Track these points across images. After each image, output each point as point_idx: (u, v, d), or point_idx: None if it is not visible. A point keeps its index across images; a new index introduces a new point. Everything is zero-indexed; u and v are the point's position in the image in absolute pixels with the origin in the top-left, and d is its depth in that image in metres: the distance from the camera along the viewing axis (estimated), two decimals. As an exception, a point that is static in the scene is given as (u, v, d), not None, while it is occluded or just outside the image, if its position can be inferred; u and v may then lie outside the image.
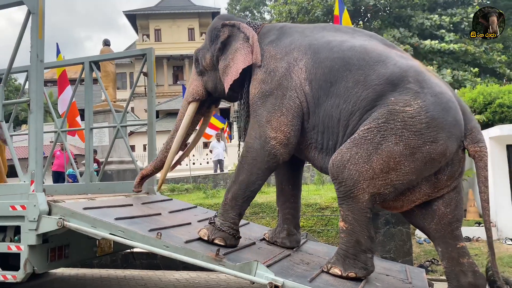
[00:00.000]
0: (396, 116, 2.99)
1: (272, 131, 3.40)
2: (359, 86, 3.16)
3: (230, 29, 3.82)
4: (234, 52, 3.71)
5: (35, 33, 3.78)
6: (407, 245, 5.39)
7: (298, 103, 3.38)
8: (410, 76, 3.08)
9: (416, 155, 2.97)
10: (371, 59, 3.21)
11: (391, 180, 3.03)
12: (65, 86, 7.29)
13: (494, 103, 9.37)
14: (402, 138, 2.96)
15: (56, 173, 10.31)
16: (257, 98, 3.55)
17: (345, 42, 3.40)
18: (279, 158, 3.46)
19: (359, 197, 3.06)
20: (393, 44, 3.63)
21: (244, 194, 3.51)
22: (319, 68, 3.34)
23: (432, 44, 19.38)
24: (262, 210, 6.88)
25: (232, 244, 3.50)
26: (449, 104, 3.04)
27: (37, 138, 3.74)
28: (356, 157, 3.04)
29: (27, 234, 3.63)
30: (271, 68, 3.53)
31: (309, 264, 3.59)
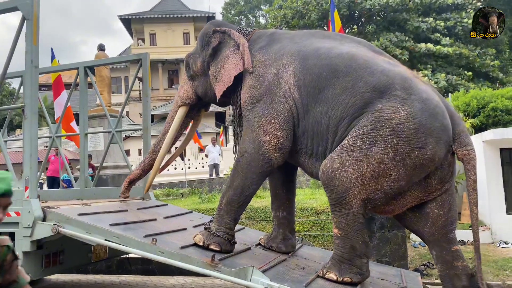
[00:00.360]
0: (384, 123, 3.02)
1: (265, 136, 3.42)
2: (346, 93, 3.19)
3: (221, 36, 3.86)
4: (225, 59, 3.75)
5: (29, 39, 3.78)
6: (402, 249, 5.40)
7: (287, 108, 3.41)
8: (397, 83, 3.11)
9: (405, 161, 3.00)
10: (358, 66, 3.24)
11: (381, 185, 3.06)
12: (61, 91, 7.27)
13: (488, 107, 9.47)
14: (391, 144, 2.99)
15: (51, 178, 10.25)
16: (247, 104, 3.59)
17: (333, 49, 3.44)
18: (274, 163, 3.47)
19: (351, 203, 3.08)
20: (381, 51, 3.67)
21: (239, 199, 3.51)
22: (308, 74, 3.38)
23: (428, 47, 19.53)
24: (258, 214, 6.88)
25: (227, 250, 3.50)
26: (436, 110, 3.08)
27: (32, 144, 3.73)
28: (346, 164, 3.07)
29: (21, 241, 3.62)
30: (261, 74, 3.57)
31: (304, 269, 3.59)
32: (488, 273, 5.62)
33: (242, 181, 3.49)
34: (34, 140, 3.76)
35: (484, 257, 6.38)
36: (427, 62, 20.17)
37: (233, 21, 43.53)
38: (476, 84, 19.43)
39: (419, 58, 20.23)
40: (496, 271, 5.71)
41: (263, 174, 3.53)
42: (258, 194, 9.17)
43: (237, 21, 43.90)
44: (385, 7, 20.66)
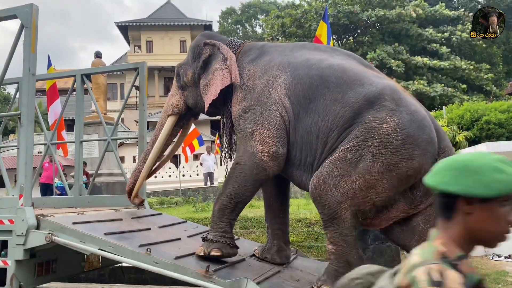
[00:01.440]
0: (373, 133, 3.05)
1: (258, 144, 3.43)
2: (337, 104, 3.22)
3: (211, 49, 3.91)
4: (214, 72, 3.81)
5: (28, 47, 3.78)
6: (396, 261, 5.40)
7: (279, 116, 3.43)
8: (387, 95, 3.15)
9: (393, 172, 3.03)
10: (348, 78, 3.29)
11: (370, 197, 3.08)
12: (55, 99, 7.27)
13: (481, 120, 9.56)
14: (379, 155, 3.03)
15: (44, 185, 10.20)
16: (238, 116, 3.62)
17: (324, 60, 3.48)
18: (269, 172, 3.47)
19: (343, 217, 3.10)
20: (370, 65, 3.74)
21: (231, 205, 3.50)
22: (298, 84, 3.42)
23: (424, 61, 19.77)
24: (252, 224, 6.87)
25: (229, 253, 3.48)
26: (423, 122, 3.13)
27: (27, 152, 3.72)
28: (337, 179, 3.09)
29: (14, 249, 3.59)
30: (251, 86, 3.62)
31: (299, 281, 3.59)
32: (481, 286, 5.64)
33: (234, 188, 3.49)
34: (30, 148, 3.75)
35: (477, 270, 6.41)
36: (423, 74, 20.38)
37: (229, 30, 43.78)
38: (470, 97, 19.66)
39: (414, 69, 20.44)
40: (489, 284, 5.72)
41: (257, 182, 3.52)
42: (252, 203, 9.16)
43: (233, 30, 44.15)
44: (382, 19, 20.89)
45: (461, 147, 8.94)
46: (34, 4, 3.84)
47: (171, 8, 35.54)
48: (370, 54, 19.78)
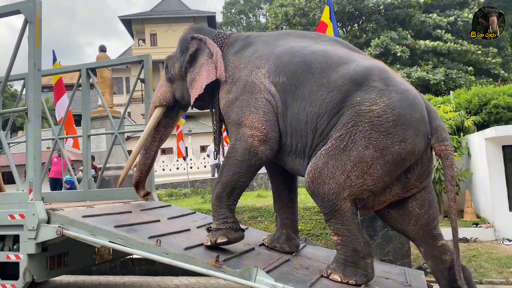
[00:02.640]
0: (363, 117, 3.00)
1: (248, 129, 3.42)
2: (323, 89, 3.19)
3: (198, 43, 3.91)
4: (200, 67, 3.82)
5: (32, 42, 3.79)
6: (405, 247, 5.40)
7: (265, 102, 3.42)
8: (374, 74, 3.10)
9: (387, 157, 2.99)
10: (333, 62, 3.26)
11: (367, 185, 3.05)
12: (62, 93, 7.30)
13: (489, 104, 9.45)
14: (371, 140, 2.98)
15: (53, 179, 10.28)
16: (226, 107, 3.64)
17: (308, 47, 3.46)
18: (261, 157, 3.44)
19: (343, 207, 3.08)
20: (357, 48, 3.69)
21: (227, 192, 3.49)
22: (282, 72, 3.41)
23: (427, 43, 19.51)
24: (261, 214, 6.88)
25: (235, 237, 3.46)
26: (415, 101, 3.08)
27: (35, 146, 3.74)
28: (332, 170, 3.06)
29: (26, 243, 3.64)
30: (236, 78, 3.62)
31: (308, 269, 3.60)
32: (491, 270, 5.62)
33: (229, 176, 3.49)
34: (38, 143, 3.77)
35: (487, 254, 6.38)
36: (428, 59, 20.13)
37: (233, 21, 43.52)
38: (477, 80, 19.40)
39: (420, 55, 20.19)
40: (499, 268, 5.70)
41: (251, 168, 3.49)
42: (260, 193, 9.18)
43: (237, 21, 43.89)
44: (388, 4, 20.61)
45: (470, 132, 8.85)
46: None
47: (174, 1, 35.37)
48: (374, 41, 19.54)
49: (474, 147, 8.42)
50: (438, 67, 19.50)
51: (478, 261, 5.81)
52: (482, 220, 7.84)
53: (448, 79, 18.93)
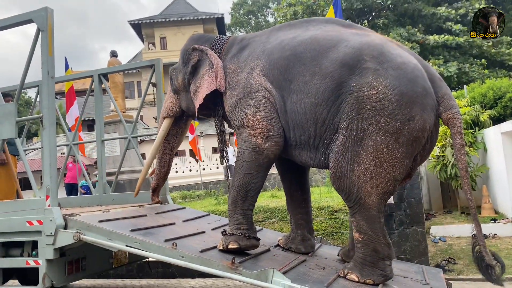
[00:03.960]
0: (364, 103, 2.91)
1: (250, 129, 3.43)
2: (316, 78, 3.14)
3: (199, 54, 3.93)
4: (201, 78, 3.84)
5: (45, 50, 3.83)
6: (423, 245, 5.34)
7: (264, 99, 3.41)
8: (365, 54, 2.99)
9: (400, 139, 2.90)
10: (321, 47, 3.19)
11: (389, 173, 2.95)
12: (73, 101, 7.39)
13: (505, 97, 9.29)
14: (379, 126, 2.89)
15: (69, 185, 10.42)
16: (229, 112, 3.67)
17: (296, 37, 3.42)
18: (268, 154, 3.41)
19: (368, 202, 3.01)
20: (351, 23, 3.60)
21: (242, 196, 3.48)
22: (275, 69, 3.39)
23: (436, 38, 19.27)
24: (275, 214, 6.88)
25: (246, 245, 3.45)
26: (415, 73, 2.95)
27: (51, 153, 3.79)
28: (350, 162, 3.00)
29: (44, 249, 3.68)
30: (235, 83, 3.64)
31: (325, 269, 3.57)
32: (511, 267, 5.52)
33: (241, 179, 3.49)
34: (53, 149, 3.82)
35: (507, 250, 6.27)
36: (439, 54, 19.89)
37: (242, 21, 43.54)
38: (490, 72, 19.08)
39: (430, 50, 19.96)
40: (521, 264, 5.60)
41: (261, 167, 3.47)
42: (274, 194, 9.18)
43: (246, 21, 43.90)
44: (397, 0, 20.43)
45: (485, 126, 8.72)
46: (49, 8, 3.88)
47: (182, 3, 35.54)
48: (384, 37, 19.42)
49: (490, 142, 8.28)
50: (450, 61, 19.25)
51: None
52: (501, 215, 7.71)
53: (461, 73, 18.67)
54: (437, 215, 8.45)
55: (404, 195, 5.25)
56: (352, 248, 3.78)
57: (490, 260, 3.01)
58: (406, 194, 5.26)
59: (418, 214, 5.28)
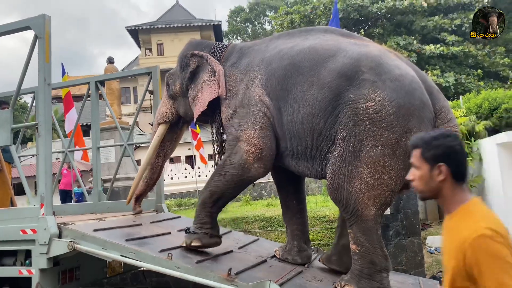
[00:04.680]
0: (361, 115, 2.91)
1: (244, 145, 3.42)
2: (313, 88, 3.13)
3: (199, 60, 3.91)
4: (202, 84, 3.83)
5: (42, 57, 3.81)
6: (419, 256, 5.33)
7: (262, 115, 3.40)
8: (363, 66, 2.99)
9: (398, 151, 2.89)
10: (320, 57, 3.18)
11: (386, 185, 2.95)
12: (70, 107, 7.36)
13: (500, 108, 9.36)
14: (376, 137, 2.88)
15: (63, 191, 10.34)
16: (226, 121, 3.66)
17: (295, 46, 3.41)
18: (254, 174, 3.45)
19: (366, 214, 2.99)
20: (350, 33, 3.61)
21: (213, 200, 3.55)
22: (273, 79, 3.38)
23: (432, 48, 19.44)
24: (271, 224, 6.85)
25: (209, 243, 3.56)
26: (412, 86, 2.94)
27: (46, 161, 3.75)
28: (347, 174, 2.99)
29: (38, 258, 3.63)
30: (234, 92, 3.63)
31: (321, 280, 3.55)
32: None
33: (218, 185, 3.52)
34: (48, 157, 3.78)
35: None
36: (436, 64, 20.05)
37: (239, 29, 43.70)
38: (486, 84, 19.25)
39: (426, 60, 20.11)
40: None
41: (241, 182, 3.53)
42: (270, 202, 9.15)
43: (243, 29, 44.08)
44: (392, 9, 20.61)
45: (481, 137, 8.76)
46: (46, 15, 3.87)
47: (180, 10, 35.65)
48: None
49: (485, 153, 8.33)
50: (446, 72, 19.40)
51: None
52: (496, 226, 7.74)
53: (457, 83, 18.81)
54: (433, 225, 8.46)
55: (400, 206, 5.25)
56: (335, 253, 3.81)
57: None
58: (403, 205, 5.26)
59: (415, 225, 5.29)
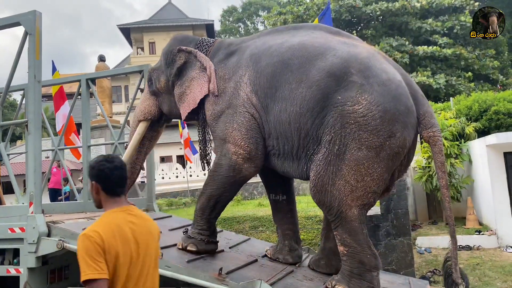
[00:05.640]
0: (348, 118, 2.93)
1: (232, 147, 3.42)
2: (302, 86, 3.12)
3: (186, 56, 3.83)
4: (191, 81, 3.76)
5: (32, 54, 3.75)
6: (409, 256, 5.37)
7: (249, 117, 3.39)
8: (352, 67, 3.00)
9: (381, 154, 2.93)
10: (310, 55, 3.17)
11: (369, 186, 2.98)
12: (62, 103, 7.26)
13: (490, 110, 9.46)
14: (361, 141, 2.91)
15: (52, 190, 10.23)
16: (211, 120, 3.63)
17: (284, 43, 3.39)
18: (246, 174, 3.48)
19: (349, 215, 3.01)
20: (339, 30, 3.59)
21: (211, 205, 3.57)
22: (262, 76, 3.36)
23: (425, 49, 19.61)
24: (262, 223, 6.85)
25: (205, 249, 3.56)
26: (398, 91, 2.98)
27: (36, 159, 3.69)
28: (331, 176, 3.01)
29: (26, 257, 3.58)
30: (221, 90, 3.59)
31: (312, 280, 3.55)
32: (496, 279, 5.58)
33: (213, 190, 3.54)
34: (38, 155, 3.73)
35: (491, 262, 6.34)
36: (427, 65, 20.22)
37: (231, 28, 43.65)
38: (476, 86, 19.46)
39: (418, 61, 20.27)
40: (503, 276, 5.67)
41: (235, 184, 3.56)
42: (261, 202, 9.14)
43: (235, 28, 44.04)
44: (385, 11, 20.74)
45: (471, 139, 8.84)
46: (37, 11, 3.81)
47: (172, 9, 35.52)
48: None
49: (475, 154, 8.41)
50: (437, 73, 19.57)
51: (482, 269, 5.76)
52: (485, 227, 7.81)
53: (448, 85, 19.00)
54: (423, 226, 8.52)
55: (391, 207, 5.28)
56: (323, 257, 3.81)
57: (457, 277, 3.13)
58: (393, 205, 5.29)
59: (405, 226, 5.32)
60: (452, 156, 8.25)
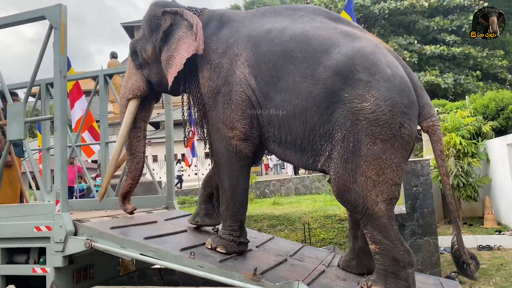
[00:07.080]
0: (358, 115, 2.92)
1: (229, 131, 3.37)
2: (307, 81, 3.07)
3: (172, 17, 3.59)
4: (177, 42, 3.50)
5: (58, 48, 3.67)
6: (435, 256, 5.28)
7: (245, 97, 3.31)
8: (358, 64, 2.98)
9: (395, 145, 2.94)
10: (314, 50, 3.11)
11: (390, 179, 2.95)
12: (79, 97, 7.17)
13: (507, 109, 9.35)
14: (374, 135, 2.90)
15: (65, 187, 10.18)
16: (207, 98, 3.48)
17: (286, 30, 3.29)
18: (246, 152, 3.42)
19: (376, 211, 2.94)
20: (339, 16, 3.52)
21: (234, 199, 3.48)
22: (262, 63, 3.26)
23: (433, 49, 19.52)
24: (280, 222, 6.77)
25: (234, 251, 3.47)
26: (402, 86, 3.00)
27: (62, 156, 3.62)
28: (351, 174, 2.97)
29: (53, 256, 3.50)
30: (215, 64, 3.43)
31: (345, 280, 3.48)
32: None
33: (228, 181, 3.46)
34: (64, 152, 3.64)
35: (513, 262, 6.24)
36: (435, 64, 20.11)
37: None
38: (484, 85, 19.34)
39: (426, 60, 20.16)
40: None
41: (243, 167, 3.48)
42: (277, 201, 9.05)
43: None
44: (393, 10, 20.64)
45: (488, 138, 8.73)
46: (62, 5, 3.72)
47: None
48: (382, 46, 19.55)
49: (494, 153, 8.29)
50: (445, 73, 19.47)
51: (508, 270, 5.66)
52: (504, 227, 7.71)
53: (456, 84, 18.90)
54: (439, 226, 8.42)
55: (416, 205, 5.19)
56: (353, 258, 3.71)
57: (467, 258, 3.23)
58: (419, 204, 5.20)
59: (431, 225, 5.23)
60: (469, 155, 8.15)
